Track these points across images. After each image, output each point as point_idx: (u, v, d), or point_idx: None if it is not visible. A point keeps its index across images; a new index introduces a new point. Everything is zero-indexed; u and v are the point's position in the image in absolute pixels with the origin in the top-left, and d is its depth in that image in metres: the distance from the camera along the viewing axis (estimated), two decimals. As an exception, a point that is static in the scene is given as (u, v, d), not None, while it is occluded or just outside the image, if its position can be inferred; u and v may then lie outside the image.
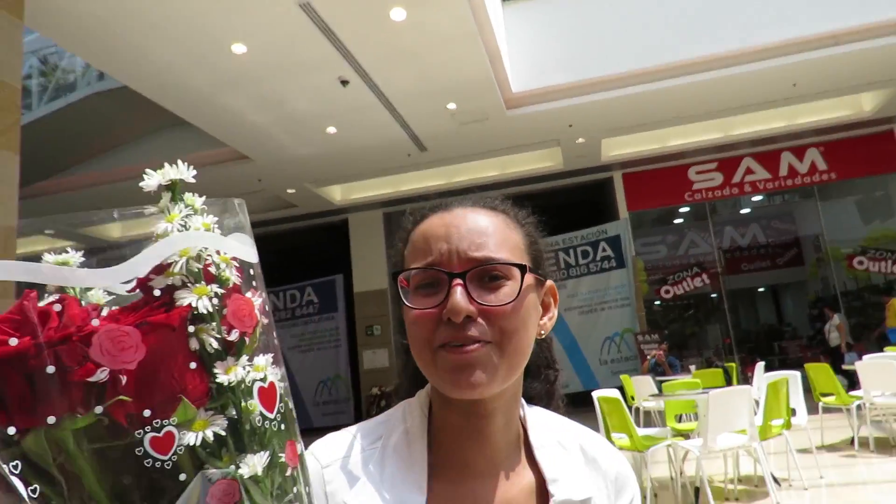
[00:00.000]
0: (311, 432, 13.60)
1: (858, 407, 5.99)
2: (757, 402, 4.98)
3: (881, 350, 7.78)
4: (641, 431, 4.95)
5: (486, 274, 0.66)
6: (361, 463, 0.69)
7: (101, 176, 9.82)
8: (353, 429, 0.74)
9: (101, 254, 0.48)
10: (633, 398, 7.55)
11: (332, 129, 8.59)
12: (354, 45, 6.55)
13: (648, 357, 9.31)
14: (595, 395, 4.99)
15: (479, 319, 0.64)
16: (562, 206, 13.67)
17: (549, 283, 0.75)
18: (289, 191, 10.91)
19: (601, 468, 0.74)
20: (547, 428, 0.76)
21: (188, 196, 0.51)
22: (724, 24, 8.05)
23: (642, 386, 7.36)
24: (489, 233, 0.69)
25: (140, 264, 0.45)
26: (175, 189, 0.51)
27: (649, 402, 6.71)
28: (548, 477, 0.70)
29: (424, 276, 0.67)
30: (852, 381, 7.48)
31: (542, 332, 0.73)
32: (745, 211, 13.59)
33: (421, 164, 10.33)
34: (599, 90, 8.42)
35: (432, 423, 0.73)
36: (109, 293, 0.47)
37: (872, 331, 11.48)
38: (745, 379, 9.54)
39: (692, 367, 9.18)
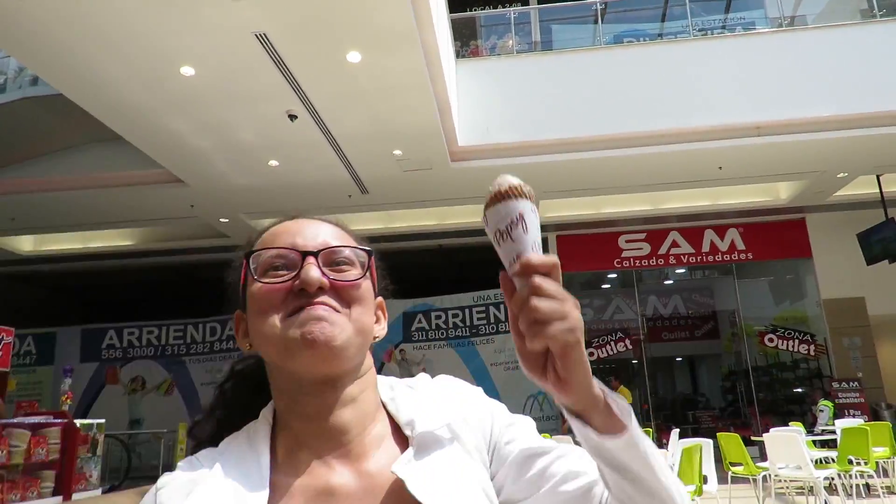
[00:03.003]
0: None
1: (764, 478, 6.20)
2: (671, 468, 5.08)
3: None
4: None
5: (334, 256, 0.71)
6: (200, 472, 0.67)
7: (22, 184, 9.28)
8: (195, 455, 0.72)
9: None
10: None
11: (274, 162, 8.48)
12: (307, 81, 6.56)
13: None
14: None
15: (328, 294, 0.69)
16: (496, 262, 13.85)
17: (380, 298, 0.80)
18: (222, 220, 10.62)
19: (454, 397, 0.76)
20: (397, 384, 0.78)
21: None
22: (660, 105, 8.54)
23: (563, 445, 7.39)
24: (334, 233, 0.75)
25: None
26: None
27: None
28: (402, 422, 0.72)
29: (275, 258, 0.71)
30: (762, 455, 7.76)
31: (376, 336, 0.76)
32: (668, 282, 14.18)
33: (361, 206, 10.30)
34: (541, 152, 8.72)
35: (277, 432, 0.72)
36: None
37: (780, 406, 12.03)
38: (661, 445, 9.74)
39: (611, 430, 9.29)
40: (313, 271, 0.68)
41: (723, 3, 10.56)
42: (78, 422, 5.39)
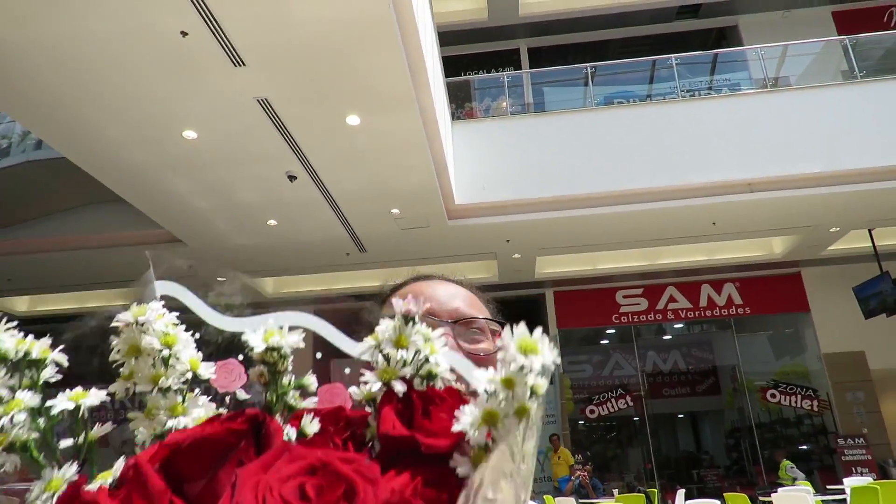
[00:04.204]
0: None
1: (775, 540, 6.03)
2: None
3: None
4: (566, 557, 4.78)
5: (470, 327, 0.69)
6: None
7: (20, 244, 9.31)
8: None
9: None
10: (555, 521, 7.34)
11: (272, 222, 8.55)
12: (306, 143, 6.70)
13: (573, 478, 9.17)
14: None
15: None
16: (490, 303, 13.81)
17: None
18: (219, 279, 10.58)
19: None
20: None
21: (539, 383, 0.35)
22: (653, 163, 8.72)
23: (566, 508, 7.20)
24: (466, 298, 0.74)
25: None
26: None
27: (573, 525, 6.54)
28: None
29: None
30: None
31: None
32: (667, 337, 14.10)
33: (359, 264, 10.34)
34: (538, 210, 8.83)
35: None
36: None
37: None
38: (666, 506, 9.49)
39: (615, 491, 9.08)
40: (451, 343, 0.65)
41: (708, 65, 10.93)
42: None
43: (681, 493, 7.30)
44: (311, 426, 0.39)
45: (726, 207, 8.76)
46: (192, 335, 0.42)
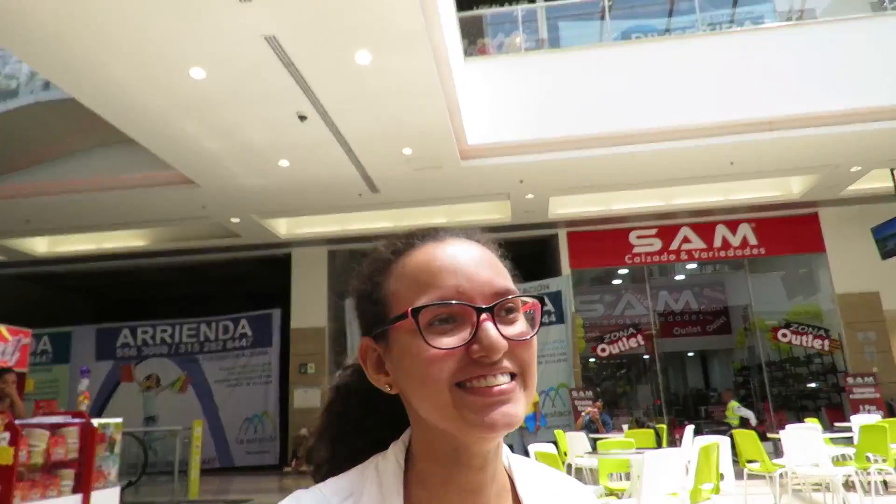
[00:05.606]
0: (234, 471, 12.90)
1: (781, 475, 6.18)
2: (687, 467, 5.06)
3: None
4: (575, 490, 4.93)
5: (504, 306, 0.63)
6: None
7: (33, 187, 9.37)
8: (322, 486, 0.67)
9: None
10: (566, 454, 7.56)
11: (284, 163, 8.51)
12: (316, 82, 6.58)
13: (583, 414, 9.38)
14: (531, 449, 4.97)
15: (504, 356, 0.61)
16: (515, 258, 13.86)
17: None
18: (233, 220, 10.68)
19: None
20: (535, 479, 0.72)
21: None
22: (672, 101, 8.50)
23: (576, 442, 7.39)
24: (494, 265, 0.66)
25: None
26: None
27: (582, 458, 6.73)
28: None
29: (440, 311, 0.61)
30: (777, 450, 7.74)
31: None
32: (679, 277, 14.12)
33: (371, 204, 10.33)
34: (551, 150, 8.70)
35: (409, 480, 0.67)
36: None
37: (794, 401, 11.99)
38: (674, 441, 9.72)
39: (624, 427, 9.30)
40: (495, 335, 0.59)
41: (732, -4, 10.48)
42: (96, 421, 5.47)
43: (689, 428, 7.44)
44: None
45: (745, 146, 8.58)
46: None
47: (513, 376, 0.61)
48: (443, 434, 0.63)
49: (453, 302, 0.61)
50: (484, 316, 0.60)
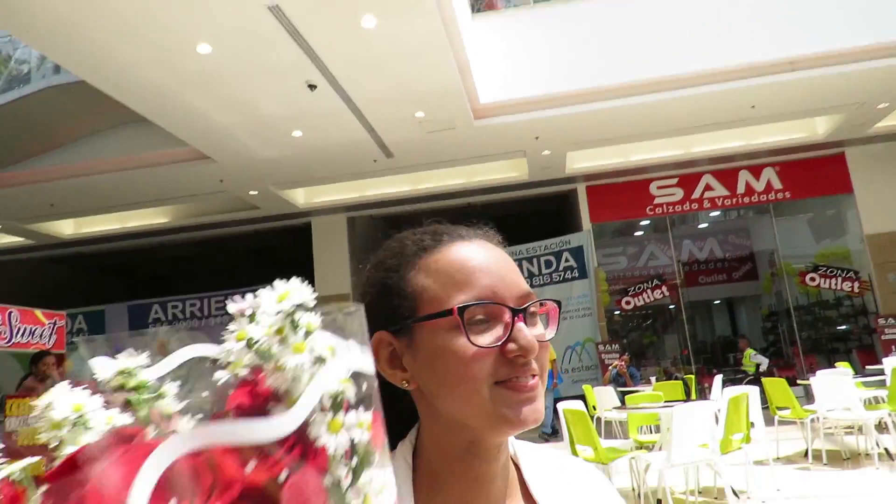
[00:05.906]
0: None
1: (812, 420, 6.17)
2: (716, 416, 5.08)
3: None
4: (605, 443, 4.99)
5: (531, 309, 0.66)
6: None
7: (53, 171, 9.47)
8: None
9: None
10: (594, 408, 7.62)
11: (297, 133, 8.47)
12: (323, 50, 6.48)
13: (610, 367, 9.42)
14: (560, 406, 5.01)
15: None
16: (526, 216, 13.77)
17: None
18: (251, 192, 10.72)
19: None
20: (540, 464, 0.73)
21: (309, 320, 0.39)
22: (687, 46, 8.24)
23: (604, 396, 7.44)
24: (516, 268, 0.69)
25: (301, 413, 0.35)
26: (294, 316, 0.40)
27: (611, 412, 6.78)
28: None
29: (477, 311, 0.63)
30: (808, 395, 7.72)
31: None
32: (702, 226, 13.92)
33: (387, 170, 10.27)
34: (566, 104, 8.52)
35: (418, 478, 0.68)
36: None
37: (824, 345, 11.89)
38: (703, 391, 9.74)
39: (652, 379, 9.33)
40: (531, 336, 0.63)
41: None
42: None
43: (718, 378, 7.44)
44: None
45: (766, 89, 8.32)
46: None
47: (532, 375, 0.64)
48: (461, 429, 0.64)
49: (493, 302, 0.63)
50: (519, 316, 0.63)
